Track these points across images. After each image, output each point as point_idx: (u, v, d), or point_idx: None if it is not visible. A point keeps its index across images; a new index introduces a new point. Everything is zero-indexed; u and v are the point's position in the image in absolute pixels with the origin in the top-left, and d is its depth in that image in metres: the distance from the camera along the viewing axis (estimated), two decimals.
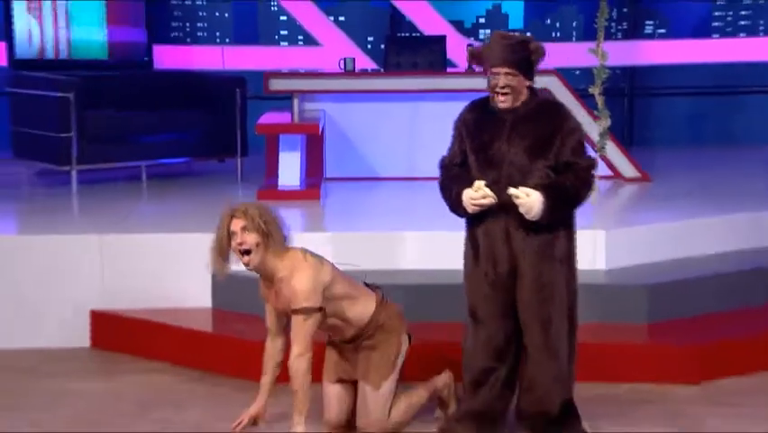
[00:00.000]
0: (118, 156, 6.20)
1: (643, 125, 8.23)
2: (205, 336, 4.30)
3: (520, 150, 3.21)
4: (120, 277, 4.58)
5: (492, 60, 3.18)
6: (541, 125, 3.22)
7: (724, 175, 6.41)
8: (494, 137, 3.24)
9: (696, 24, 8.25)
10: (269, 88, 6.12)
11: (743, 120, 8.21)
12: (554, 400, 3.36)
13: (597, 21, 5.94)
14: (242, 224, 3.25)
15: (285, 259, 3.29)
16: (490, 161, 3.23)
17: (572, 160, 3.22)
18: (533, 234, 3.23)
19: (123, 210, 5.38)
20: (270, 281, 3.35)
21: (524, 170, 3.20)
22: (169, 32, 7.97)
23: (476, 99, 3.38)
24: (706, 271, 4.59)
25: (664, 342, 4.15)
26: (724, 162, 7.04)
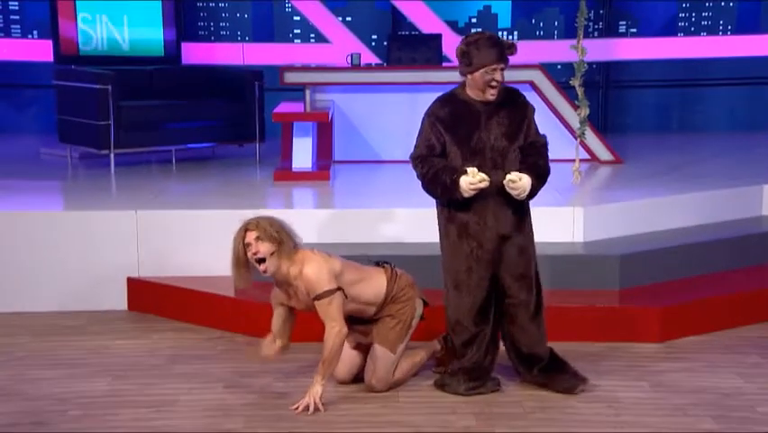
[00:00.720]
0: (150, 141, 6.16)
1: (616, 114, 8.17)
2: (226, 301, 4.29)
3: (499, 135, 3.22)
4: (153, 248, 4.57)
5: (492, 59, 3.17)
6: (512, 112, 3.25)
7: (687, 158, 6.36)
8: (472, 128, 3.23)
9: (663, 24, 8.17)
10: (283, 81, 6.07)
11: (703, 110, 8.18)
12: (544, 346, 3.42)
13: (577, 20, 5.88)
14: (255, 235, 3.21)
15: (296, 259, 3.25)
16: (473, 149, 3.23)
17: (534, 139, 3.29)
18: (514, 210, 3.29)
19: (156, 189, 5.36)
20: (288, 285, 3.29)
21: (503, 152, 3.23)
22: (195, 30, 7.91)
23: (443, 95, 3.35)
24: (671, 243, 4.57)
25: (632, 305, 4.13)
26: (686, 147, 7.00)
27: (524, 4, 8.10)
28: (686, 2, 8.11)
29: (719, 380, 3.59)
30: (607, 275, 4.31)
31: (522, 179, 3.17)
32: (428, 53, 6.33)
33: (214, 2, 7.99)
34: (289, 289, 3.30)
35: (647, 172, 5.76)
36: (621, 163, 6.14)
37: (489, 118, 3.23)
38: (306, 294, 3.26)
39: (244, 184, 5.64)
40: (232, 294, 4.39)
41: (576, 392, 3.37)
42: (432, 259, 4.26)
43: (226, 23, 8.01)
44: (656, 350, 3.93)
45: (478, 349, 3.38)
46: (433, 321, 3.69)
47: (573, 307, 4.01)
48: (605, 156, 6.21)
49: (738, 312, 4.22)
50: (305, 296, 3.27)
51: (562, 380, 3.39)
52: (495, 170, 3.22)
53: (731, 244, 4.64)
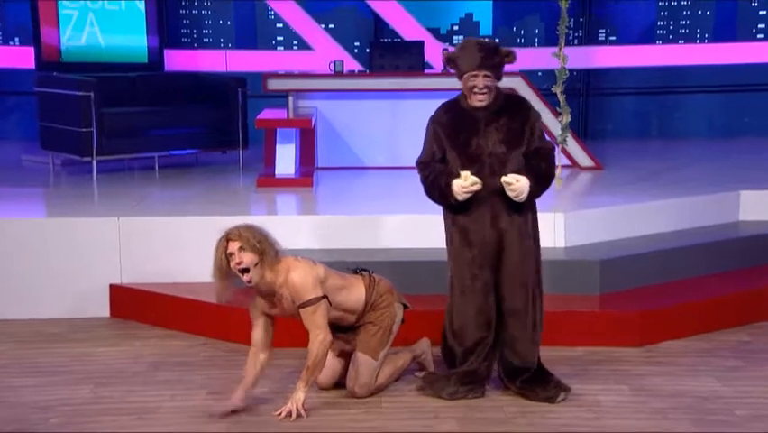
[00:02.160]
0: (133, 148, 6.14)
1: (596, 121, 8.24)
2: (209, 307, 4.27)
3: (497, 142, 3.22)
4: (135, 255, 4.55)
5: (471, 65, 3.17)
6: (511, 119, 3.24)
7: (666, 164, 6.42)
8: (471, 134, 3.23)
9: (642, 32, 8.26)
10: (267, 88, 6.07)
11: (681, 116, 8.27)
12: (533, 357, 3.42)
13: (558, 28, 5.93)
14: (237, 245, 3.17)
15: (280, 268, 3.21)
16: (472, 156, 3.24)
17: (539, 145, 3.27)
18: (515, 215, 3.28)
19: (138, 196, 5.33)
20: (272, 294, 3.25)
21: (502, 159, 3.22)
22: (178, 37, 7.89)
23: (447, 102, 3.35)
24: (651, 248, 4.60)
25: (612, 310, 4.16)
26: (665, 153, 7.06)
27: (505, 11, 8.16)
28: (664, 10, 8.21)
29: (698, 383, 3.62)
30: (587, 280, 4.34)
31: (520, 181, 3.17)
32: (411, 60, 6.36)
33: (197, 9, 7.99)
34: (273, 298, 3.28)
35: (627, 178, 5.80)
36: (601, 169, 6.18)
37: (487, 124, 3.24)
38: (291, 302, 3.24)
39: (227, 191, 5.62)
40: (215, 300, 4.37)
41: (557, 402, 3.38)
42: (416, 264, 4.28)
43: (209, 30, 8.00)
44: (636, 354, 3.95)
45: (478, 356, 3.39)
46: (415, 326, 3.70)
47: (554, 311, 4.02)
48: (585, 162, 6.26)
49: (716, 316, 4.26)
50: (290, 303, 3.25)
51: (543, 390, 3.40)
52: (493, 176, 3.21)
53: (709, 248, 4.69)
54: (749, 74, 8.07)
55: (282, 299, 3.26)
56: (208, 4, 7.98)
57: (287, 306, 3.27)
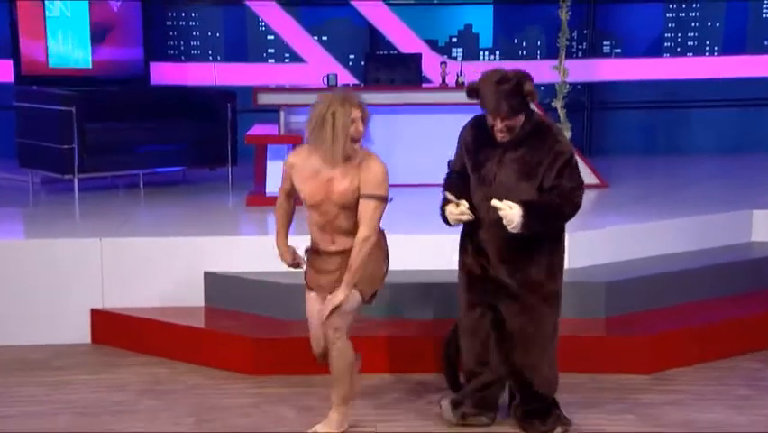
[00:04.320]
0: (117, 165, 6.16)
1: (600, 136, 8.28)
2: (196, 332, 4.28)
3: (510, 172, 3.20)
4: (118, 278, 4.55)
5: (489, 108, 3.14)
6: (531, 151, 3.18)
7: (673, 182, 6.46)
8: (488, 158, 3.24)
9: (649, 45, 8.33)
10: (257, 102, 6.09)
11: (689, 132, 8.30)
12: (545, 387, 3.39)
13: (559, 40, 6.00)
14: (359, 114, 3.18)
15: (362, 152, 3.21)
16: (483, 179, 3.25)
17: (558, 182, 3.17)
18: (521, 247, 3.21)
19: (122, 216, 5.34)
20: (331, 169, 3.18)
21: (511, 190, 3.18)
22: (165, 49, 7.93)
23: (478, 116, 3.32)
24: (658, 269, 4.62)
25: (619, 335, 4.17)
26: (673, 170, 7.10)
27: (506, 22, 8.23)
28: (672, 22, 8.28)
29: (709, 413, 3.62)
30: (592, 303, 4.35)
31: (512, 209, 3.10)
32: (407, 73, 6.40)
33: (185, 20, 8.04)
34: (332, 171, 3.17)
35: (633, 196, 5.84)
36: (606, 187, 6.22)
37: (505, 151, 3.21)
38: (350, 186, 3.17)
39: (216, 209, 5.64)
40: (202, 325, 4.38)
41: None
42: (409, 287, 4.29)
43: (197, 42, 8.05)
44: (643, 381, 3.96)
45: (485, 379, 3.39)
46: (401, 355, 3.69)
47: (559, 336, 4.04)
48: (589, 180, 6.26)
49: (728, 342, 4.27)
50: (346, 185, 3.16)
51: (541, 423, 3.39)
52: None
53: (720, 270, 4.71)
54: (760, 88, 8.13)
55: (344, 175, 3.18)
56: (196, 15, 8.04)
57: (341, 187, 3.17)
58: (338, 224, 3.23)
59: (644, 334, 4.16)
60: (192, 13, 8.06)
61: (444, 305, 4.19)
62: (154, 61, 7.50)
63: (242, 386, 3.93)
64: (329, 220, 3.23)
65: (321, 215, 3.24)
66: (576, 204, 3.21)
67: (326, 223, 3.24)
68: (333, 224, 3.24)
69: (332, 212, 3.22)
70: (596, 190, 6.15)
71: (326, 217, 3.23)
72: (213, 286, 4.56)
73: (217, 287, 4.56)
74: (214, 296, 4.56)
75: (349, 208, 3.20)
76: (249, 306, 4.46)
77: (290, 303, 4.37)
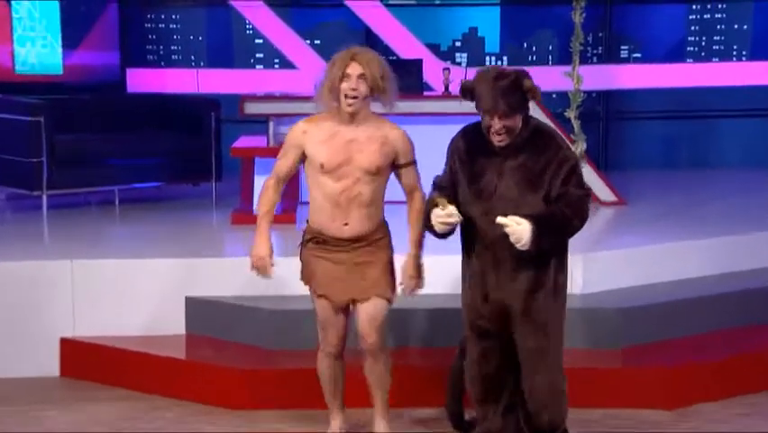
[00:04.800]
0: (90, 180, 6.17)
1: (617, 149, 8.32)
2: (176, 364, 4.29)
3: (512, 183, 3.18)
4: (91, 304, 4.57)
5: (487, 104, 3.11)
6: (533, 158, 3.17)
7: (697, 199, 6.49)
8: (485, 168, 3.21)
9: (670, 49, 8.39)
10: (244, 112, 6.13)
11: (715, 144, 8.34)
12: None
13: (572, 45, 6.06)
14: (360, 71, 3.26)
15: (377, 119, 3.35)
16: (481, 192, 3.21)
17: (564, 190, 3.17)
18: (525, 265, 3.21)
19: (95, 235, 5.37)
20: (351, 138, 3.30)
21: (514, 203, 3.16)
22: (143, 54, 7.99)
23: (469, 125, 3.32)
24: (680, 295, 4.64)
25: (637, 366, 4.19)
26: (697, 186, 7.13)
27: (514, 26, 8.29)
28: (695, 24, 8.35)
29: None
30: (608, 332, 4.37)
31: (521, 225, 3.06)
32: (407, 80, 6.41)
33: (165, 22, 8.11)
34: (353, 132, 3.29)
35: (652, 215, 5.86)
36: (624, 205, 6.25)
37: (504, 160, 3.18)
38: (381, 152, 3.30)
39: (198, 228, 5.67)
40: (182, 355, 4.40)
41: None
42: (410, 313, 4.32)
43: (178, 47, 8.11)
44: (664, 418, 3.97)
45: (495, 412, 3.40)
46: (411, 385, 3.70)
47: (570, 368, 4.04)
48: (605, 196, 6.33)
49: (757, 375, 4.28)
50: (374, 150, 3.29)
51: None
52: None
53: (747, 296, 4.73)
54: None
55: (369, 142, 3.30)
56: (177, 17, 8.10)
57: (367, 150, 3.29)
58: (357, 191, 3.30)
59: (665, 365, 4.17)
60: (173, 14, 8.12)
61: (447, 332, 4.21)
62: (131, 67, 7.55)
63: (226, 422, 3.94)
64: (347, 187, 3.29)
65: (339, 180, 3.29)
66: (585, 214, 3.23)
67: (343, 191, 3.29)
68: (351, 191, 3.29)
69: (352, 176, 3.29)
70: (612, 208, 6.19)
71: (345, 183, 3.29)
72: (195, 312, 4.58)
73: (200, 313, 4.58)
74: (196, 323, 4.58)
75: (370, 173, 3.31)
76: (234, 334, 4.48)
77: (280, 331, 4.39)
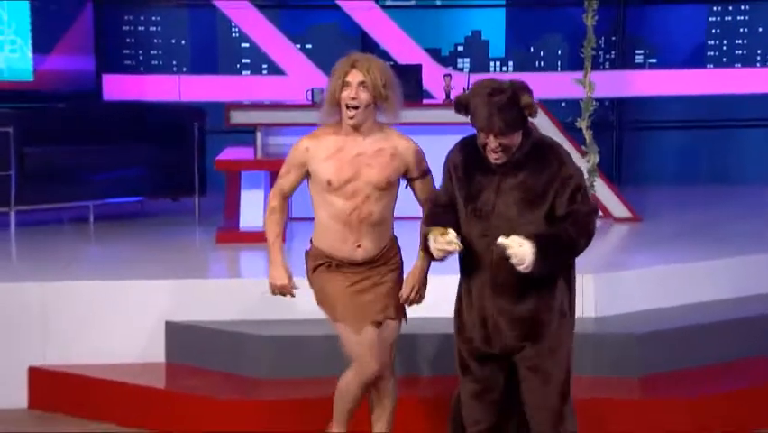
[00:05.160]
0: (62, 196, 6.17)
1: (632, 161, 8.34)
2: (155, 393, 4.26)
3: (510, 202, 3.18)
4: (62, 330, 4.53)
5: (481, 124, 3.13)
6: (534, 175, 3.18)
7: (719, 215, 6.49)
8: (483, 186, 3.21)
9: (689, 54, 8.42)
10: (229, 121, 6.14)
11: (739, 156, 8.34)
12: None
13: (583, 50, 6.07)
14: (360, 78, 3.28)
15: (384, 129, 3.36)
16: (479, 212, 3.21)
17: (571, 209, 3.17)
18: (528, 288, 3.19)
19: (68, 255, 5.35)
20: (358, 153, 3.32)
21: (514, 223, 3.16)
22: (120, 60, 8.00)
23: (466, 137, 3.32)
24: (701, 319, 4.63)
25: (656, 397, 4.17)
26: (719, 202, 7.13)
27: (520, 29, 8.32)
28: (716, 27, 8.38)
29: None
30: (624, 359, 4.35)
31: (522, 246, 3.06)
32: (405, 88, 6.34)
33: (144, 25, 8.13)
34: (359, 146, 3.32)
35: (670, 233, 5.86)
36: (639, 221, 6.25)
37: (504, 177, 3.19)
38: (390, 165, 3.33)
39: (180, 247, 5.65)
40: (162, 385, 4.37)
41: None
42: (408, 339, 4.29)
43: (159, 51, 8.13)
44: None
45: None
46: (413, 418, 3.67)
47: (583, 399, 4.03)
48: (619, 212, 6.33)
49: None
50: (384, 164, 3.31)
51: None
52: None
53: None
54: None
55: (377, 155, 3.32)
56: (158, 19, 8.13)
57: (376, 165, 3.31)
58: (367, 209, 3.32)
59: (687, 396, 4.15)
60: (153, 16, 8.15)
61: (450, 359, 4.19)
62: (108, 73, 7.57)
63: None
64: (358, 205, 3.31)
65: (348, 198, 3.31)
66: (591, 233, 3.22)
67: (354, 210, 3.31)
68: (361, 210, 3.32)
69: (362, 192, 3.31)
70: (626, 225, 6.19)
71: (355, 202, 3.31)
72: (175, 338, 4.56)
73: (181, 339, 4.55)
74: (176, 350, 4.55)
75: (380, 189, 3.33)
76: (218, 362, 4.45)
77: (267, 359, 4.37)
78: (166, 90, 7.80)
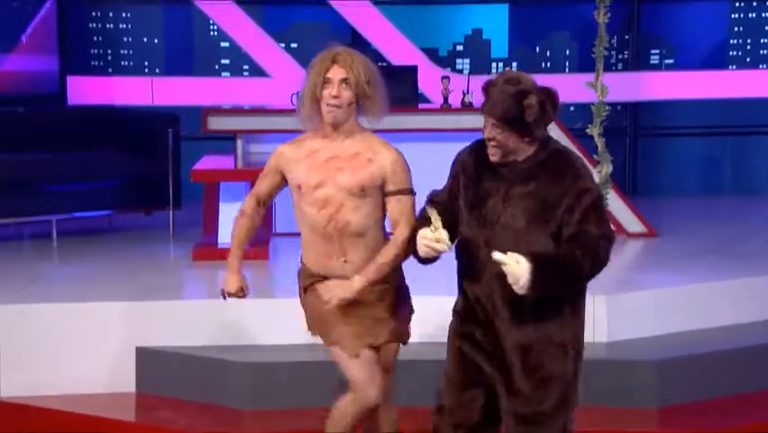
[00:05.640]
0: (22, 210, 6.16)
1: (647, 170, 8.35)
2: (126, 427, 4.26)
3: (518, 213, 3.16)
4: (21, 357, 4.52)
5: (485, 108, 3.16)
6: (546, 186, 3.16)
7: (742, 230, 6.51)
8: (491, 192, 3.21)
9: (709, 54, 8.45)
10: (207, 127, 6.16)
11: (763, 166, 8.37)
12: None
13: (594, 50, 6.09)
14: (342, 75, 3.27)
15: (366, 134, 3.34)
16: (483, 219, 3.21)
17: (580, 229, 3.13)
18: (527, 310, 3.17)
19: (28, 275, 5.34)
20: (335, 155, 3.30)
21: (519, 235, 3.15)
22: (86, 60, 8.01)
23: (479, 140, 3.31)
24: (723, 344, 4.64)
25: (677, 429, 4.18)
26: (742, 215, 7.16)
27: (525, 27, 8.35)
28: (739, 25, 8.43)
29: None
30: (640, 388, 4.36)
31: (519, 264, 3.03)
32: (400, 91, 6.46)
33: (113, 22, 8.14)
34: (334, 150, 3.30)
35: (689, 249, 5.86)
36: (654, 237, 6.26)
37: (513, 184, 3.19)
38: (364, 170, 3.28)
39: (153, 265, 5.65)
40: (132, 417, 4.36)
41: None
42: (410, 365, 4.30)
43: (129, 51, 8.14)
44: None
45: None
46: None
47: (596, 431, 4.05)
48: (633, 227, 6.35)
49: None
50: (357, 168, 3.28)
51: None
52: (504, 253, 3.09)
53: None
54: None
55: (352, 158, 3.29)
56: (128, 16, 8.15)
57: (348, 169, 3.28)
58: (343, 219, 3.29)
59: (709, 428, 4.16)
60: (122, 12, 8.16)
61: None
62: (72, 75, 7.57)
63: None
64: (332, 215, 3.29)
65: (321, 207, 3.29)
66: (601, 259, 3.15)
67: (330, 220, 3.29)
68: (337, 220, 3.29)
69: (335, 199, 3.29)
70: (641, 240, 6.20)
71: (329, 211, 3.29)
72: (147, 366, 4.56)
73: (153, 367, 4.55)
74: (148, 379, 4.55)
75: (355, 197, 3.29)
76: (195, 392, 4.45)
77: (250, 388, 4.36)
78: (137, 93, 7.80)
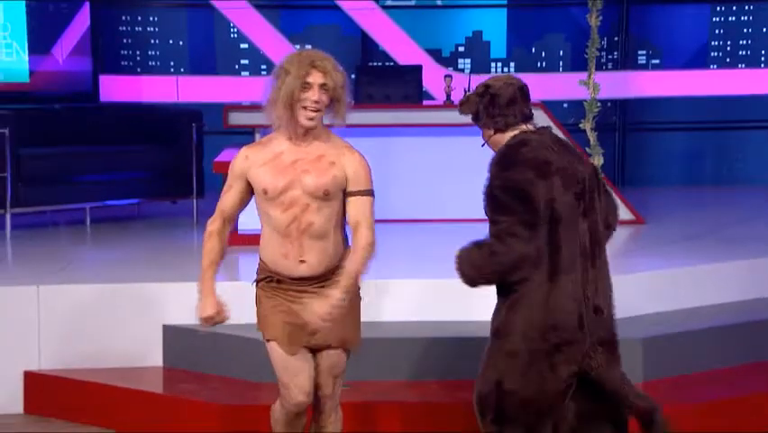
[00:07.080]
0: (58, 198, 6.17)
1: (635, 163, 8.34)
2: (154, 398, 4.26)
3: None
4: (59, 334, 4.53)
5: None
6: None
7: (724, 218, 6.50)
8: None
9: (692, 54, 8.42)
10: (228, 123, 6.15)
11: (743, 158, 8.35)
12: None
13: (587, 51, 6.07)
14: (322, 80, 3.12)
15: (330, 135, 3.21)
16: None
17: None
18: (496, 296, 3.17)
19: (64, 258, 5.34)
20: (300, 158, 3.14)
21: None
22: (117, 60, 8.01)
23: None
24: (706, 323, 4.63)
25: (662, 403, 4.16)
26: (724, 204, 7.15)
27: (522, 29, 8.33)
28: (720, 27, 8.39)
29: None
30: (627, 364, 4.33)
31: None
32: (406, 89, 6.47)
33: (142, 25, 8.13)
34: (299, 152, 3.14)
35: (675, 236, 5.86)
36: (642, 224, 6.26)
37: None
38: (328, 173, 3.13)
39: (178, 250, 5.65)
40: (160, 390, 4.37)
41: None
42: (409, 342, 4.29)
43: (156, 52, 8.13)
44: None
45: None
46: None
47: None
48: (623, 215, 6.30)
49: None
50: (323, 171, 3.12)
51: None
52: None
53: None
54: None
55: (317, 160, 3.14)
56: (155, 20, 8.14)
57: (313, 171, 3.11)
58: (307, 220, 3.11)
59: (692, 402, 4.16)
60: (150, 16, 8.15)
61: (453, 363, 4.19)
62: (104, 74, 7.56)
63: None
64: (296, 216, 3.11)
65: (285, 208, 3.12)
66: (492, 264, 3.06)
67: (293, 221, 3.11)
68: (300, 221, 3.11)
69: (300, 201, 3.11)
70: (629, 227, 6.18)
71: (293, 212, 3.11)
72: (173, 342, 4.56)
73: (179, 343, 4.55)
74: (174, 354, 4.55)
75: (319, 199, 3.12)
76: (217, 366, 4.45)
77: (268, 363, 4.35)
78: (163, 91, 7.80)
